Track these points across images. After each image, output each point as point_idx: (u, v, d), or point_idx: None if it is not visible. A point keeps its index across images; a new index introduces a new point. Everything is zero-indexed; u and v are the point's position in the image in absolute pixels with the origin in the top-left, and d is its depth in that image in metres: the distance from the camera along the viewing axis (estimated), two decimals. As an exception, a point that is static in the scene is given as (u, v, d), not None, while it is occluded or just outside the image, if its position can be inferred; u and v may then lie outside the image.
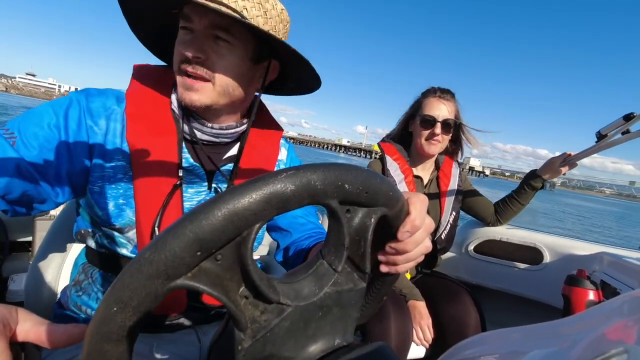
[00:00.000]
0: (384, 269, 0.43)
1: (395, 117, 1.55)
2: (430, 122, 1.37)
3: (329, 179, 0.30)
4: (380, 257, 0.43)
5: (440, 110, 1.37)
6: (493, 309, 1.69)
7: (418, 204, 0.41)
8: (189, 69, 0.61)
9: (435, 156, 1.47)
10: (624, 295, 0.33)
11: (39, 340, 0.32)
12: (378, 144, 1.53)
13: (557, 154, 1.50)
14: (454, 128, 1.40)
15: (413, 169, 1.46)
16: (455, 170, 1.51)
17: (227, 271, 0.28)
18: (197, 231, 0.25)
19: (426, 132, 1.38)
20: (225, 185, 0.73)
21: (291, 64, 0.72)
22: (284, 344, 0.31)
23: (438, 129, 1.36)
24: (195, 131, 0.68)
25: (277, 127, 0.82)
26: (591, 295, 1.17)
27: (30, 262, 0.89)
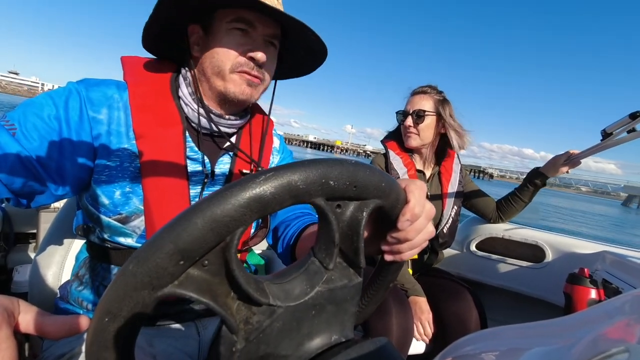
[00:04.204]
0: (388, 257, 0.43)
1: (383, 117, 1.57)
2: (402, 116, 1.46)
3: (312, 178, 0.29)
4: (384, 247, 0.43)
5: (413, 104, 1.43)
6: (494, 307, 1.69)
7: (416, 191, 0.40)
8: (253, 71, 0.68)
9: (424, 149, 1.47)
10: (626, 294, 0.33)
11: (40, 331, 0.33)
12: (381, 141, 1.55)
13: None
14: (429, 118, 1.40)
15: (415, 163, 1.48)
16: (456, 167, 1.52)
17: (216, 276, 0.28)
18: (177, 241, 0.25)
19: (402, 126, 1.46)
20: (227, 173, 0.75)
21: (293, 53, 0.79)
22: (279, 343, 0.31)
23: (409, 121, 1.42)
24: (213, 123, 0.71)
25: (269, 118, 0.87)
26: (593, 294, 1.16)
27: (35, 254, 0.90)
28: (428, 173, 1.49)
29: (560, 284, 1.26)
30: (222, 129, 0.72)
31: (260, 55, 0.66)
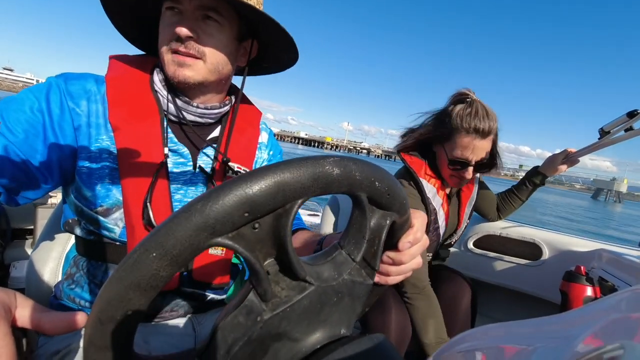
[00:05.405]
0: (375, 278, 0.44)
1: (382, 116, 1.44)
2: (460, 167, 1.18)
3: (365, 173, 0.31)
4: None
5: (476, 152, 1.15)
6: (491, 304, 1.69)
7: (420, 219, 0.43)
8: (181, 48, 0.64)
9: None
10: (622, 291, 0.33)
11: (37, 326, 0.32)
12: (399, 152, 1.31)
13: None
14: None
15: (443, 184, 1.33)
16: (474, 178, 1.46)
17: (259, 242, 0.29)
18: (250, 192, 0.25)
19: (455, 172, 1.21)
20: (210, 166, 0.73)
21: (268, 42, 0.76)
22: (298, 323, 0.32)
23: (469, 174, 1.18)
24: (181, 111, 0.70)
25: (255, 109, 0.85)
26: (589, 292, 1.17)
27: (32, 250, 0.89)
28: (448, 190, 1.38)
29: (557, 282, 1.27)
30: (192, 117, 0.71)
31: (179, 29, 0.62)
